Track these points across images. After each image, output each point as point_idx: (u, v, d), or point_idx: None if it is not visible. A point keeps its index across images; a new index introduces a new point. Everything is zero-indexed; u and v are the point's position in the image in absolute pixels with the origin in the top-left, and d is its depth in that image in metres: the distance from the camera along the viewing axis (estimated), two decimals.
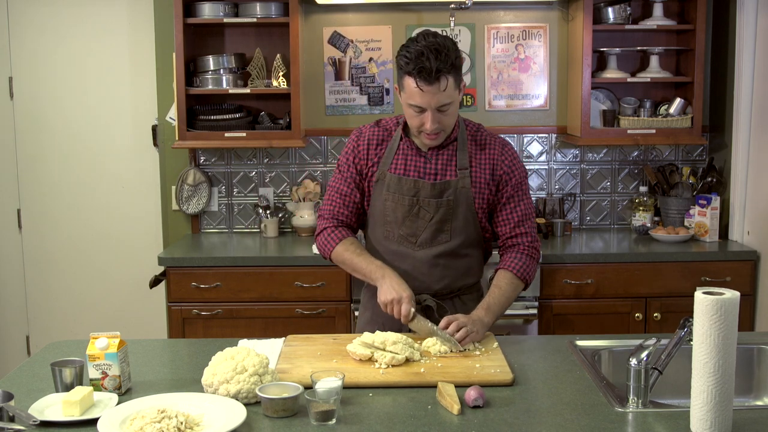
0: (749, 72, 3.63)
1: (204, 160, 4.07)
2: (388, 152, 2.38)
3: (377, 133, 2.41)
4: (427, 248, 2.35)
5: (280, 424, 1.70)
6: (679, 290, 3.49)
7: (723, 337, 1.57)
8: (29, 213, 4.29)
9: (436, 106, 2.19)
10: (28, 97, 4.21)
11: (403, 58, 2.19)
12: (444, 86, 2.17)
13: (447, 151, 2.35)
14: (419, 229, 2.34)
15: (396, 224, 2.35)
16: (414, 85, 2.17)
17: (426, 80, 2.15)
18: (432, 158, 2.35)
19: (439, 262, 2.35)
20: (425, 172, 2.34)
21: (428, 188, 2.32)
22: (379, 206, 2.37)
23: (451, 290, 2.40)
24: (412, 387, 1.90)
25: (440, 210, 2.32)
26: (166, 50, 3.93)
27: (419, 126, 2.25)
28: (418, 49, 2.16)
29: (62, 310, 4.33)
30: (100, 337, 1.88)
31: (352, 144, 2.42)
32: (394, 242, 2.37)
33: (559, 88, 4.04)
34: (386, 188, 2.35)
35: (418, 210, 2.33)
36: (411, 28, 3.98)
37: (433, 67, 2.14)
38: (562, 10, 3.99)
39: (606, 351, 2.18)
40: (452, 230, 2.34)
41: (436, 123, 2.22)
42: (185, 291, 3.50)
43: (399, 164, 2.36)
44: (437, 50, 2.15)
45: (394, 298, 2.18)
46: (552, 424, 1.69)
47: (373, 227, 2.42)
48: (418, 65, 2.14)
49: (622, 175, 4.09)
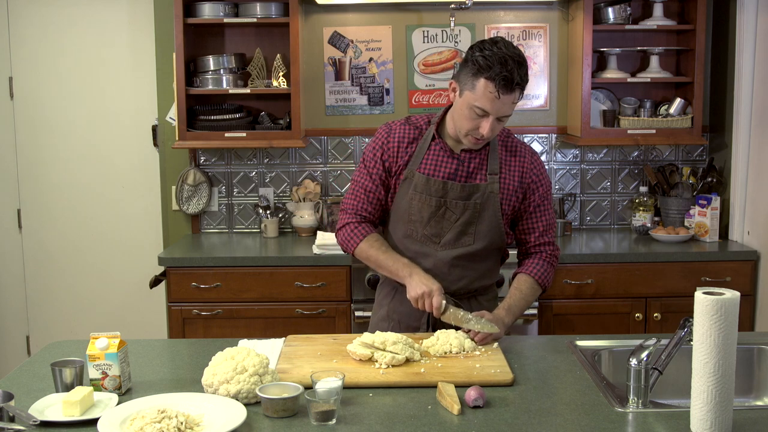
0: (749, 72, 3.63)
1: (204, 160, 4.07)
2: (419, 151, 2.36)
3: (408, 131, 2.39)
4: (449, 249, 2.35)
5: (280, 424, 1.70)
6: (679, 290, 3.49)
7: (723, 337, 1.57)
8: (29, 213, 4.29)
9: (502, 114, 2.19)
10: (28, 97, 4.21)
11: (482, 58, 2.15)
12: (516, 97, 2.18)
13: (479, 155, 2.35)
14: (444, 229, 2.34)
15: (420, 224, 2.35)
16: (490, 90, 2.14)
17: (505, 88, 2.14)
18: (465, 161, 2.34)
19: (459, 263, 2.35)
20: (455, 174, 2.33)
21: (457, 189, 2.32)
22: (404, 204, 2.36)
23: (468, 291, 2.40)
24: (412, 387, 1.90)
25: (466, 212, 2.32)
26: (166, 50, 3.93)
27: (472, 129, 2.23)
28: (501, 55, 2.13)
29: (62, 310, 4.33)
30: (100, 337, 1.88)
31: (381, 140, 2.39)
32: (416, 241, 2.36)
33: (559, 88, 4.04)
34: (413, 188, 2.34)
35: (444, 211, 2.33)
36: (411, 28, 3.98)
37: (515, 78, 2.13)
38: (562, 10, 3.99)
39: (606, 351, 2.18)
40: (476, 233, 2.34)
41: (493, 131, 2.21)
42: (185, 291, 3.50)
43: (429, 164, 2.34)
44: (520, 62, 2.15)
45: (425, 292, 2.19)
46: (552, 424, 1.69)
47: (394, 224, 2.41)
48: (502, 72, 2.12)
49: (622, 175, 4.09)
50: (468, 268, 2.37)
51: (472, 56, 2.18)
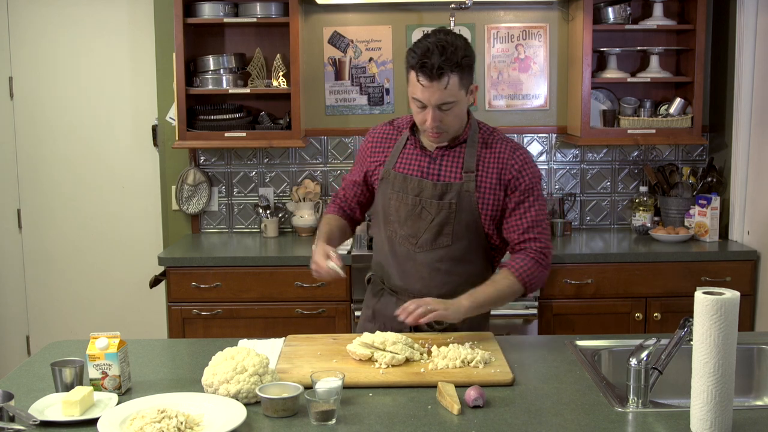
0: (749, 72, 3.63)
1: (204, 160, 4.07)
2: (395, 151, 2.38)
3: (388, 131, 2.43)
4: (428, 251, 2.32)
5: (280, 424, 1.70)
6: (679, 290, 3.49)
7: (723, 337, 1.57)
8: (29, 213, 4.29)
9: (437, 103, 2.17)
10: (28, 97, 4.21)
11: (410, 52, 2.20)
12: (446, 84, 2.15)
13: (454, 152, 2.32)
14: (420, 230, 2.31)
15: (399, 224, 2.34)
16: (416, 80, 2.17)
17: (427, 76, 2.14)
18: (437, 158, 2.33)
19: (440, 267, 2.31)
20: (429, 172, 2.32)
21: (430, 188, 2.29)
22: (383, 205, 2.37)
23: (454, 297, 2.29)
24: (412, 387, 1.90)
25: (441, 212, 2.29)
26: (166, 50, 3.93)
27: (421, 122, 2.24)
28: (426, 44, 2.16)
29: (62, 310, 4.33)
30: (100, 337, 1.88)
31: (368, 141, 2.48)
32: (397, 243, 2.36)
33: (559, 88, 4.04)
34: (391, 186, 2.35)
35: (421, 210, 2.30)
36: (411, 28, 3.98)
37: (435, 63, 2.12)
38: (562, 10, 3.99)
39: (606, 351, 2.18)
40: (453, 234, 2.29)
41: (437, 121, 2.20)
42: (185, 291, 3.50)
43: (404, 162, 2.35)
44: (443, 47, 2.14)
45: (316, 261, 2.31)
46: (552, 424, 1.69)
47: (378, 226, 2.42)
48: (422, 60, 2.14)
49: (622, 175, 4.09)
50: (452, 273, 2.31)
51: (408, 52, 2.23)
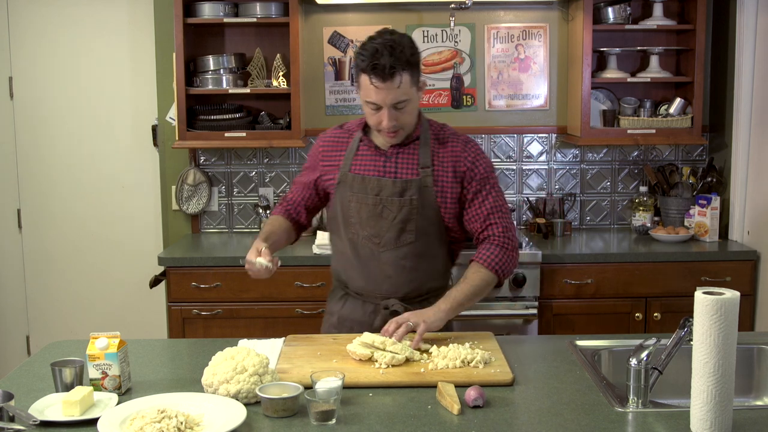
0: (749, 72, 3.63)
1: (204, 160, 4.07)
2: (348, 153, 2.37)
3: (339, 135, 2.42)
4: (392, 249, 2.32)
5: (280, 424, 1.70)
6: (679, 290, 3.49)
7: (723, 337, 1.57)
8: (29, 213, 4.29)
9: (392, 103, 2.19)
10: (28, 97, 4.21)
11: (359, 56, 2.20)
12: (399, 83, 2.18)
13: (408, 149, 2.34)
14: (383, 229, 2.32)
15: (360, 225, 2.33)
16: (369, 83, 2.17)
17: (380, 77, 2.15)
18: (392, 157, 2.34)
19: (405, 264, 2.33)
20: (386, 171, 2.33)
21: (390, 186, 2.30)
22: (342, 208, 2.36)
23: (420, 293, 2.37)
24: (412, 387, 1.90)
25: (403, 209, 2.30)
26: (166, 50, 3.93)
27: (377, 124, 2.25)
28: (373, 46, 2.17)
29: (62, 310, 4.33)
30: (100, 337, 1.88)
31: (318, 145, 2.46)
32: (359, 244, 2.35)
33: (559, 88, 4.04)
34: (349, 189, 2.34)
35: (382, 209, 2.31)
36: (411, 28, 3.98)
37: (387, 63, 2.14)
38: (562, 10, 3.99)
39: (606, 351, 2.18)
40: (416, 230, 2.32)
41: (393, 120, 2.21)
42: (185, 291, 3.50)
43: (360, 164, 2.35)
44: (392, 47, 2.16)
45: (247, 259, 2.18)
46: (552, 424, 1.69)
47: (338, 230, 2.39)
48: (372, 62, 2.15)
49: (622, 175, 4.09)
50: (416, 270, 2.34)
51: (355, 57, 2.24)
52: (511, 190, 4.08)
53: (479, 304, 3.42)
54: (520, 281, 3.42)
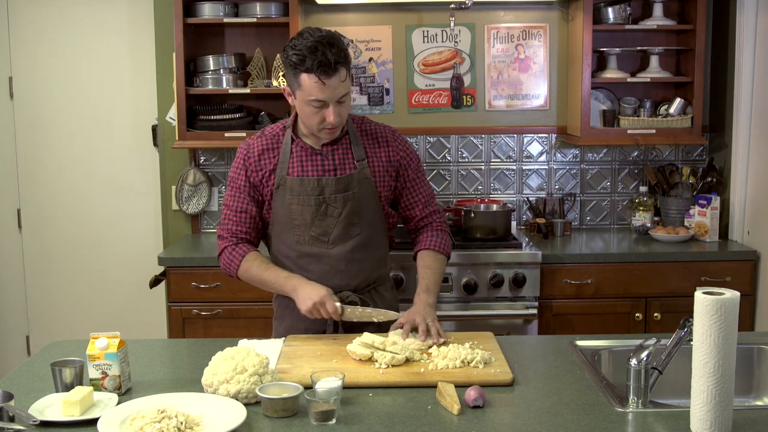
0: (749, 72, 3.63)
1: (204, 160, 4.07)
2: (282, 157, 2.34)
3: (265, 141, 2.38)
4: (341, 245, 2.34)
5: (280, 424, 1.70)
6: (679, 290, 3.49)
7: (723, 337, 1.57)
8: (29, 213, 4.29)
9: (338, 97, 2.20)
10: (28, 97, 4.21)
11: (294, 56, 2.17)
12: (343, 77, 2.19)
13: (341, 145, 2.35)
14: (329, 227, 2.33)
15: (305, 227, 2.33)
16: (314, 80, 2.15)
17: (326, 73, 2.14)
18: (328, 154, 2.34)
19: (354, 256, 2.35)
20: (324, 169, 2.33)
21: (333, 184, 2.31)
22: (284, 212, 2.34)
23: (368, 283, 2.40)
24: (412, 387, 1.91)
25: (348, 204, 2.32)
26: (166, 50, 3.93)
27: (320, 122, 2.23)
28: (309, 44, 2.15)
29: (62, 310, 4.33)
30: (100, 337, 1.88)
31: (241, 157, 2.38)
32: (306, 245, 2.34)
33: (559, 88, 4.04)
34: (289, 192, 2.32)
35: (326, 208, 2.32)
36: (411, 28, 3.98)
37: (331, 59, 2.14)
38: (562, 10, 3.99)
39: (606, 351, 2.18)
40: (362, 223, 2.35)
41: (338, 116, 2.22)
42: (185, 291, 3.50)
43: (296, 166, 2.33)
44: (330, 43, 2.16)
45: (316, 303, 2.17)
46: (552, 424, 1.69)
47: (281, 234, 2.37)
48: (316, 59, 2.13)
49: (622, 175, 4.09)
50: (364, 261, 2.37)
51: (286, 58, 2.21)
52: (511, 190, 4.08)
53: (479, 305, 3.45)
54: (520, 281, 3.42)
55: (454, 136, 4.05)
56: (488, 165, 4.07)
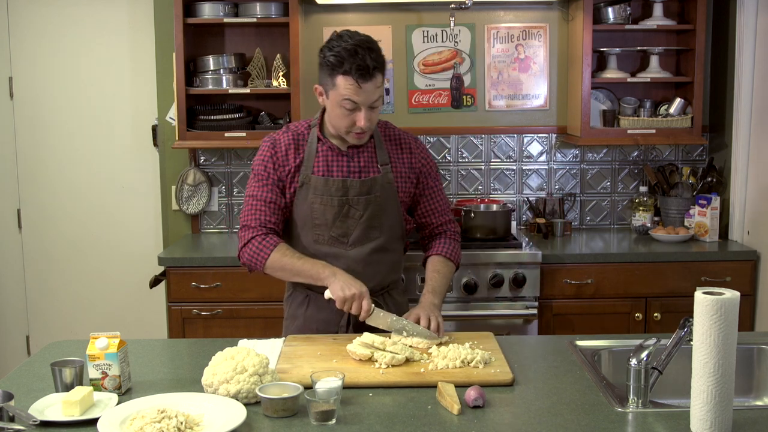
0: (749, 72, 3.63)
1: (204, 160, 4.07)
2: (308, 156, 2.35)
3: (292, 138, 2.37)
4: (359, 246, 2.35)
5: (280, 424, 1.70)
6: (679, 290, 3.49)
7: (723, 337, 1.57)
8: (29, 213, 4.29)
9: (372, 102, 2.21)
10: (28, 97, 4.21)
11: (332, 57, 2.17)
12: (379, 82, 2.21)
13: (366, 148, 2.37)
14: (350, 228, 2.34)
15: (326, 227, 2.33)
16: (350, 83, 2.17)
17: (363, 77, 2.16)
18: (354, 156, 2.35)
19: (372, 259, 2.36)
20: (350, 171, 2.34)
21: (357, 186, 2.32)
22: (305, 210, 2.34)
23: (383, 286, 2.41)
24: (412, 387, 1.91)
25: (370, 207, 2.33)
26: (166, 50, 3.93)
27: (350, 125, 2.24)
28: (348, 47, 2.16)
29: (62, 310, 4.33)
30: (100, 337, 1.88)
31: (268, 151, 2.36)
32: (325, 245, 2.34)
33: (559, 88, 4.04)
34: (312, 191, 2.32)
35: (348, 209, 2.32)
36: (411, 28, 3.98)
37: (370, 64, 2.16)
38: (562, 10, 3.99)
39: (606, 351, 2.18)
40: (382, 226, 2.36)
41: (368, 120, 2.23)
42: (185, 291, 3.50)
43: (321, 166, 2.34)
44: (370, 48, 2.19)
45: (355, 294, 2.15)
46: (552, 424, 1.69)
47: (300, 232, 2.37)
48: (355, 62, 2.15)
49: (622, 175, 4.09)
50: (380, 264, 2.38)
51: (323, 58, 2.21)
52: (511, 190, 4.08)
53: (479, 305, 3.45)
54: (520, 281, 3.42)
55: (454, 136, 4.05)
56: (488, 165, 4.07)
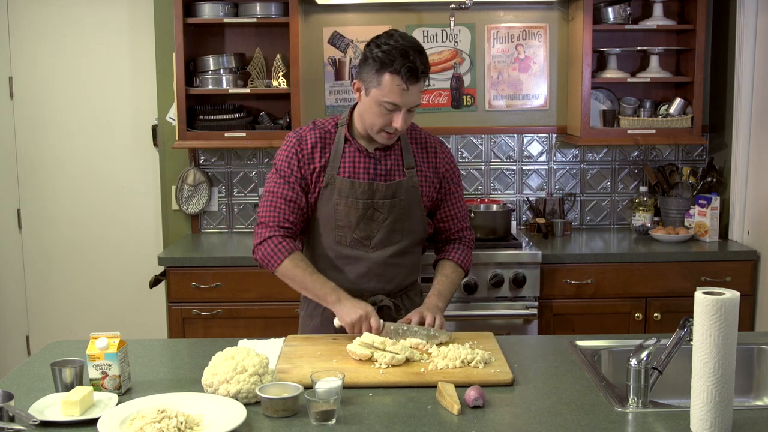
0: (749, 72, 3.63)
1: (204, 160, 4.07)
2: (334, 155, 2.31)
3: (319, 135, 2.33)
4: (381, 249, 2.34)
5: (280, 424, 1.70)
6: (679, 290, 3.49)
7: (723, 337, 1.57)
8: (29, 213, 4.29)
9: (410, 105, 2.20)
10: (28, 97, 4.21)
11: (382, 54, 2.15)
12: (422, 87, 2.21)
13: (393, 151, 2.36)
14: (373, 231, 2.33)
15: (349, 228, 2.32)
16: (397, 83, 2.15)
17: (411, 79, 2.15)
18: (381, 159, 2.34)
19: (393, 261, 2.36)
20: (376, 174, 2.33)
21: (383, 190, 2.31)
22: (329, 211, 2.32)
23: (402, 288, 2.42)
24: (412, 387, 1.91)
25: (394, 211, 2.33)
26: (166, 50, 3.93)
27: (385, 125, 2.22)
28: (400, 46, 2.15)
29: (62, 310, 4.33)
30: (100, 337, 1.88)
31: (293, 147, 2.31)
32: (347, 246, 2.34)
33: (559, 88, 4.04)
34: (337, 193, 2.30)
35: (373, 212, 2.32)
36: (411, 28, 3.98)
37: (420, 67, 2.16)
38: (562, 10, 3.99)
39: (606, 351, 2.18)
40: (404, 230, 2.36)
41: (404, 122, 2.22)
42: (185, 291, 3.50)
43: (347, 167, 2.31)
44: (420, 51, 2.18)
45: (361, 316, 2.17)
46: (552, 424, 1.69)
47: (322, 232, 2.35)
48: (406, 63, 2.14)
49: (622, 175, 4.09)
50: (401, 266, 2.39)
51: (371, 53, 2.18)
52: (511, 190, 4.08)
53: (479, 305, 3.45)
54: (520, 281, 3.42)
55: (454, 136, 4.05)
56: (488, 165, 4.07)
